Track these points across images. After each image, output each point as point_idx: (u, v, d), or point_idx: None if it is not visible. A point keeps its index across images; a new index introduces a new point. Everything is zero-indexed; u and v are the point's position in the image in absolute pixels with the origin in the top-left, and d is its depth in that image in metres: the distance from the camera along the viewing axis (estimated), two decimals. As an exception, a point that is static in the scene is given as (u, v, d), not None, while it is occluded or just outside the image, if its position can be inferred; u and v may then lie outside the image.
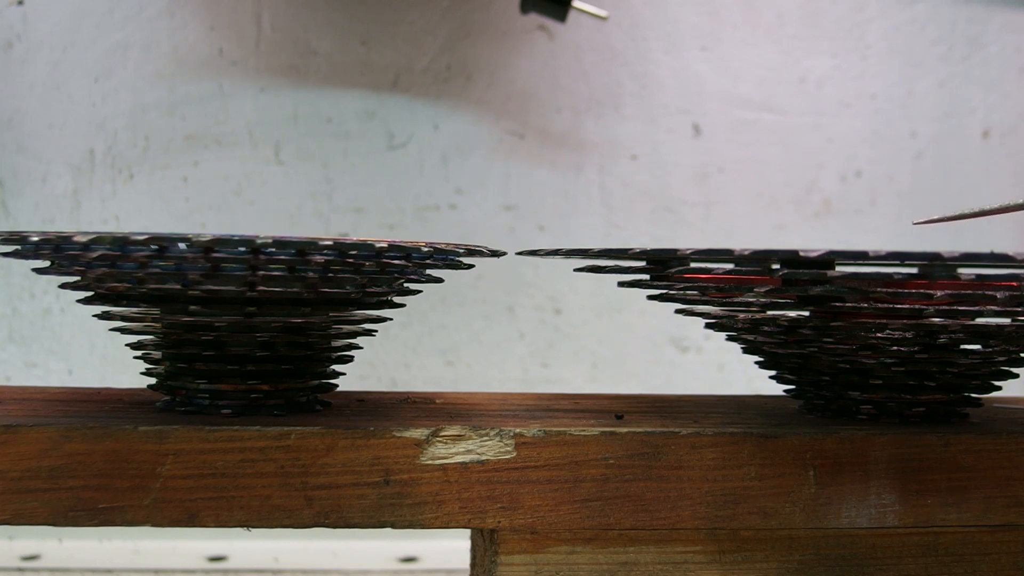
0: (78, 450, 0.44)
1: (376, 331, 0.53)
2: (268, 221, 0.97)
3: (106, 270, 0.45)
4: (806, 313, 0.51)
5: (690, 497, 0.47)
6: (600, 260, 0.51)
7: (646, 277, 0.51)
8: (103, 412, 0.48)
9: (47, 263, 0.48)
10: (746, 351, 0.55)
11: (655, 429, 0.47)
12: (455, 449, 0.46)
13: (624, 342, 1.01)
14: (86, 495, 0.44)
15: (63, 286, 0.51)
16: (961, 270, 0.44)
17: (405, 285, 0.52)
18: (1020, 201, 0.52)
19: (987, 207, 0.52)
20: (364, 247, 0.45)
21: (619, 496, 0.47)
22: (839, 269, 0.46)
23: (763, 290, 0.47)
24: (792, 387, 0.55)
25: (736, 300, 0.49)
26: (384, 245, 0.45)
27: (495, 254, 0.51)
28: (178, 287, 0.45)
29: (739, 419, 0.51)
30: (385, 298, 0.51)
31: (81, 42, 0.96)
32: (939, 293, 0.45)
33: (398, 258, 0.47)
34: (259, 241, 0.43)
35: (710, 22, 1.02)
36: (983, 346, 0.49)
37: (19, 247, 0.46)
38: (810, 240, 1.02)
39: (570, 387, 1.00)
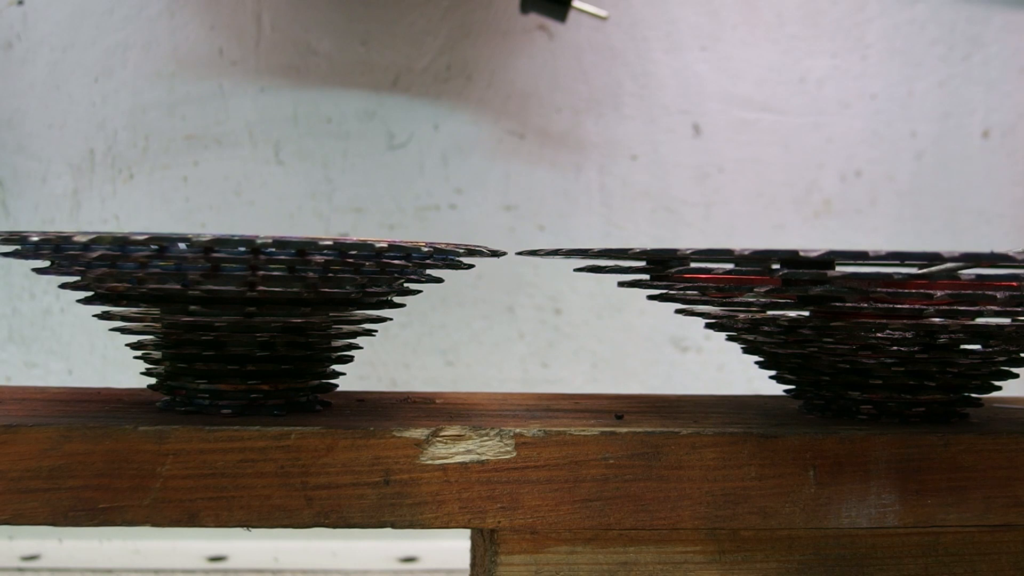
0: (78, 450, 0.44)
1: (376, 331, 0.53)
2: (268, 221, 0.97)
3: (106, 270, 0.45)
4: (806, 313, 0.51)
5: (690, 497, 0.47)
6: (600, 260, 0.51)
7: (646, 277, 0.51)
8: (103, 412, 0.48)
9: (47, 263, 0.48)
10: (746, 351, 0.55)
11: (655, 429, 0.47)
12: (455, 449, 0.46)
13: (624, 342, 1.01)
14: (86, 495, 0.44)
15: (63, 286, 0.51)
16: (961, 270, 0.44)
17: (405, 285, 0.52)
18: None
19: None
20: (364, 247, 0.45)
21: (619, 496, 0.46)
22: (839, 269, 0.46)
23: (763, 290, 0.47)
24: (792, 387, 0.55)
25: (736, 300, 0.49)
26: (384, 245, 0.45)
27: (495, 254, 0.51)
28: (178, 287, 0.45)
29: (739, 419, 0.51)
30: (385, 298, 0.51)
31: (81, 42, 0.96)
32: (939, 293, 0.45)
33: (398, 258, 0.47)
34: (259, 241, 0.43)
35: (710, 22, 1.02)
36: (983, 346, 0.49)
37: (19, 247, 0.46)
38: (810, 240, 1.02)
39: (570, 387, 1.00)
